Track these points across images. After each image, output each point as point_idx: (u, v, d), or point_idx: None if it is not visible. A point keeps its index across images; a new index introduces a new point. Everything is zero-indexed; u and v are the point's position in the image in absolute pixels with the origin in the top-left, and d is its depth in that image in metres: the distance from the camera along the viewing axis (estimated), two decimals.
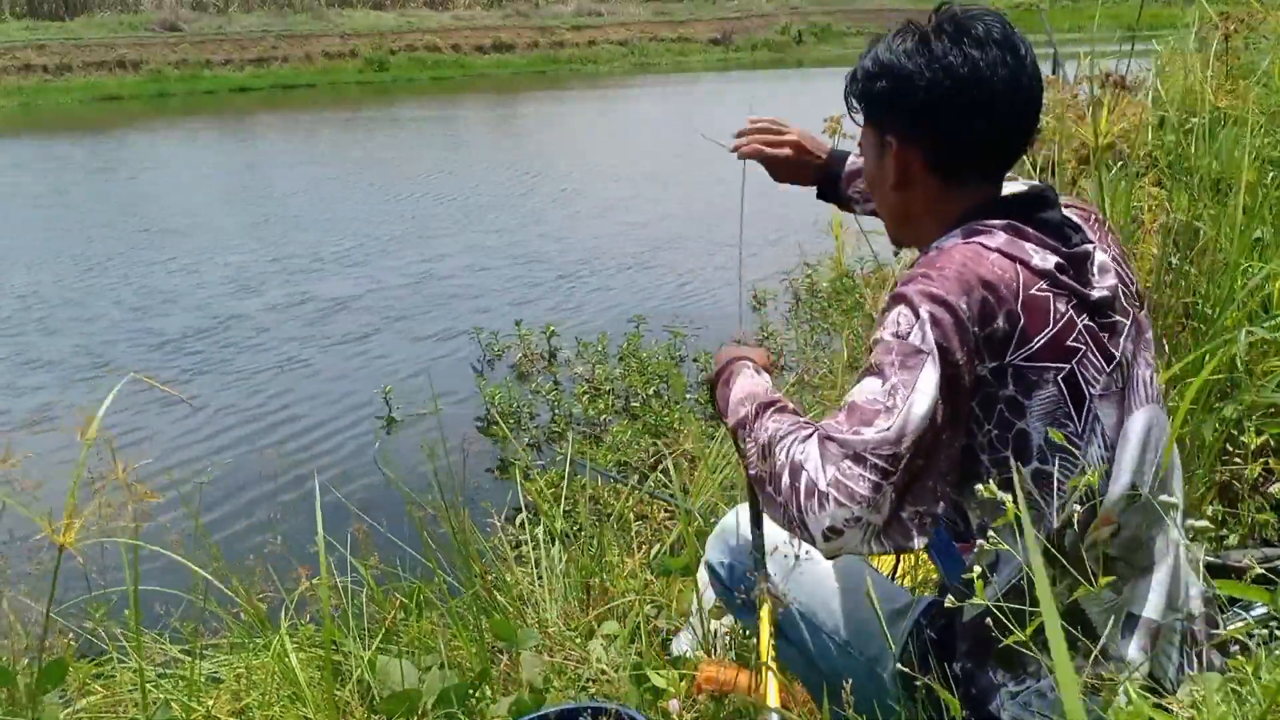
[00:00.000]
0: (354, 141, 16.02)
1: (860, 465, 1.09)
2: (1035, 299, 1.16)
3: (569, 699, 1.72)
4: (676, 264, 7.50)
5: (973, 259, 1.16)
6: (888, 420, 1.09)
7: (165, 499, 3.96)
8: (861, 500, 1.09)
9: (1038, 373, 1.15)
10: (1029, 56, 1.24)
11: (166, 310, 6.88)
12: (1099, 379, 1.19)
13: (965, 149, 1.26)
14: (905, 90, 1.25)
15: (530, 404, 4.69)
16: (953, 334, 1.11)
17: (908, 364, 1.11)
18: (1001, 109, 1.23)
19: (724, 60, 31.86)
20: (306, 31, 29.59)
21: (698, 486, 2.89)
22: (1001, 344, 1.14)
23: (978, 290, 1.13)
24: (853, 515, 1.09)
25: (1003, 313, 1.14)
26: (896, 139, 1.29)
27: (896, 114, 1.28)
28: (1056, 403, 1.16)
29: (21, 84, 24.30)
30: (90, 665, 2.04)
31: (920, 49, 1.24)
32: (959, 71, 1.21)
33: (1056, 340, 1.16)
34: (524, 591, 2.20)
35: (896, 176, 1.30)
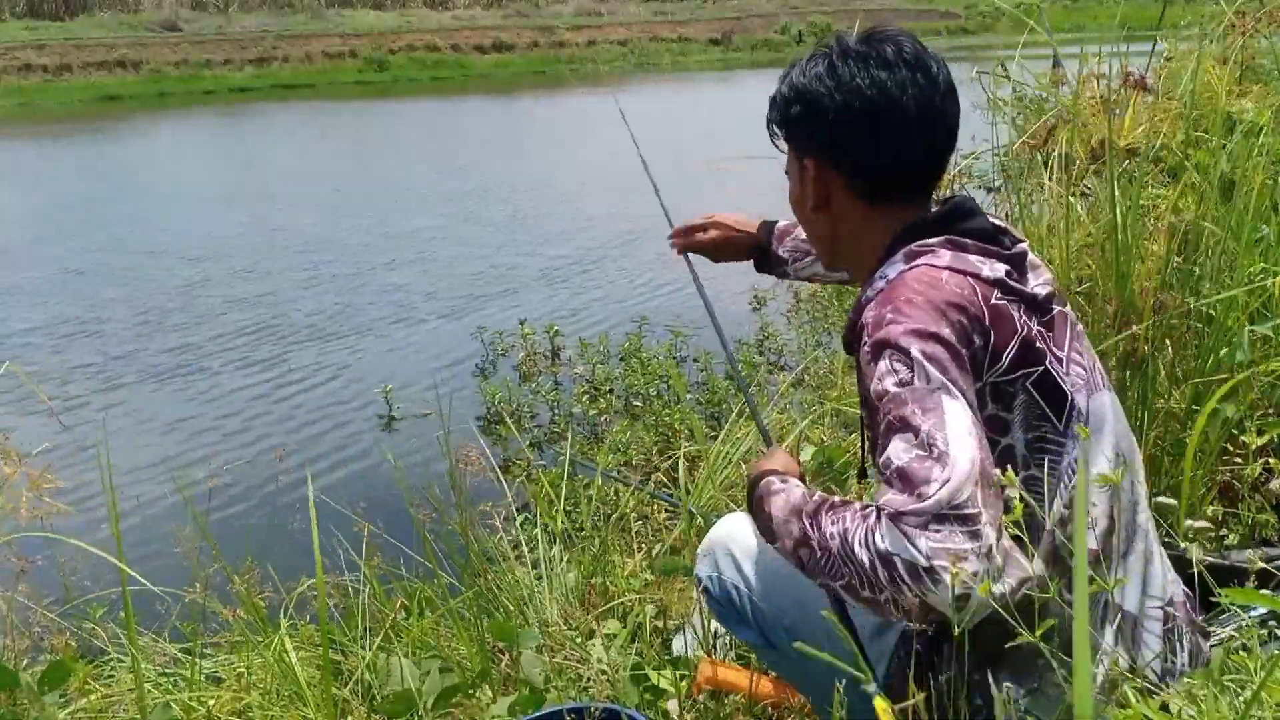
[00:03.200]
0: (356, 139, 16.03)
1: (946, 524, 1.01)
2: (999, 309, 1.17)
3: (569, 699, 1.72)
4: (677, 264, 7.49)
5: (930, 284, 1.15)
6: (942, 469, 1.03)
7: (165, 499, 3.96)
8: (969, 553, 1.01)
9: (1011, 384, 1.16)
10: (941, 75, 1.25)
11: (167, 311, 6.87)
12: (1067, 376, 1.20)
13: (882, 170, 1.27)
14: (817, 114, 1.26)
15: (531, 404, 4.69)
16: (949, 363, 1.10)
17: (927, 406, 1.07)
18: (914, 129, 1.24)
19: (724, 60, 31.86)
20: (306, 32, 29.59)
21: (698, 486, 2.89)
22: (980, 364, 1.14)
23: (951, 313, 1.13)
24: (971, 571, 1.00)
25: (976, 332, 1.14)
26: (814, 162, 1.30)
27: (811, 138, 1.30)
28: (1029, 407, 1.17)
29: (22, 84, 24.30)
30: (90, 666, 2.04)
31: (830, 72, 1.25)
32: (866, 94, 1.22)
33: (1024, 346, 1.17)
34: (524, 591, 2.20)
35: (815, 198, 1.32)
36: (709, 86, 23.12)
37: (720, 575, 1.53)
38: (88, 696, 1.91)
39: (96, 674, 2.05)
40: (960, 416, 1.06)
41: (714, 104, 18.30)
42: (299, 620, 2.22)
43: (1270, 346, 2.12)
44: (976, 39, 30.21)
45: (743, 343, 5.06)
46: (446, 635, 2.09)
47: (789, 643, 1.44)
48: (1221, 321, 2.08)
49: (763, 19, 36.35)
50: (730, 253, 1.85)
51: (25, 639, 2.01)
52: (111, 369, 5.73)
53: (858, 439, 3.00)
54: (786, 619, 1.45)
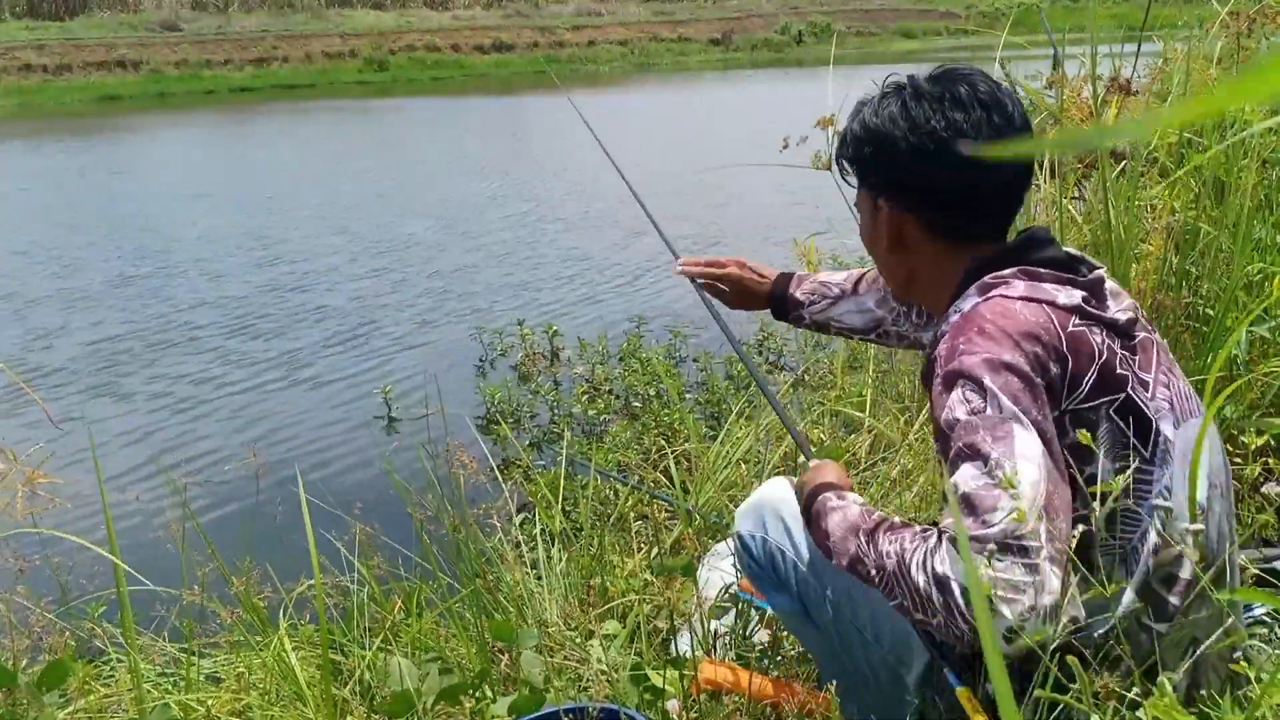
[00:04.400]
0: (356, 138, 16.03)
1: (1009, 554, 1.01)
2: (1077, 336, 1.15)
3: (569, 699, 1.72)
4: None
5: (1003, 314, 1.15)
6: (1009, 499, 1.03)
7: (161, 500, 3.96)
8: (1027, 587, 1.01)
9: (1094, 411, 1.14)
10: (1017, 113, 1.25)
11: (164, 311, 6.88)
12: (1151, 401, 1.17)
13: (957, 209, 1.26)
14: (890, 155, 1.26)
15: (531, 404, 4.69)
16: (1023, 393, 1.09)
17: (998, 435, 1.07)
18: (988, 170, 1.22)
19: (724, 60, 31.86)
20: (306, 32, 29.60)
21: (698, 486, 2.89)
22: (1057, 392, 1.13)
23: (1025, 343, 1.12)
24: (1027, 606, 1.01)
25: (1053, 359, 1.13)
26: (888, 203, 1.30)
27: (885, 178, 1.29)
28: (1115, 435, 1.15)
29: (22, 84, 24.31)
30: (89, 666, 2.04)
31: (903, 113, 1.25)
32: (941, 135, 1.22)
33: (1105, 371, 1.15)
34: (524, 591, 2.20)
35: (889, 239, 1.32)
36: (707, 87, 23.12)
37: (766, 536, 1.50)
38: (87, 696, 1.91)
39: (96, 674, 2.05)
40: (1031, 446, 1.05)
41: (708, 106, 18.31)
42: (298, 620, 2.22)
43: (1269, 346, 2.12)
44: (976, 39, 30.22)
45: (743, 343, 5.05)
46: (446, 635, 2.09)
47: (831, 620, 1.44)
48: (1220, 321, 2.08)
49: (763, 19, 36.37)
50: (748, 299, 1.84)
51: (24, 639, 2.00)
52: (106, 370, 5.73)
53: (857, 439, 3.02)
54: (835, 597, 1.43)
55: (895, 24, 37.56)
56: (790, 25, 35.42)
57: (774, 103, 13.66)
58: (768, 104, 14.95)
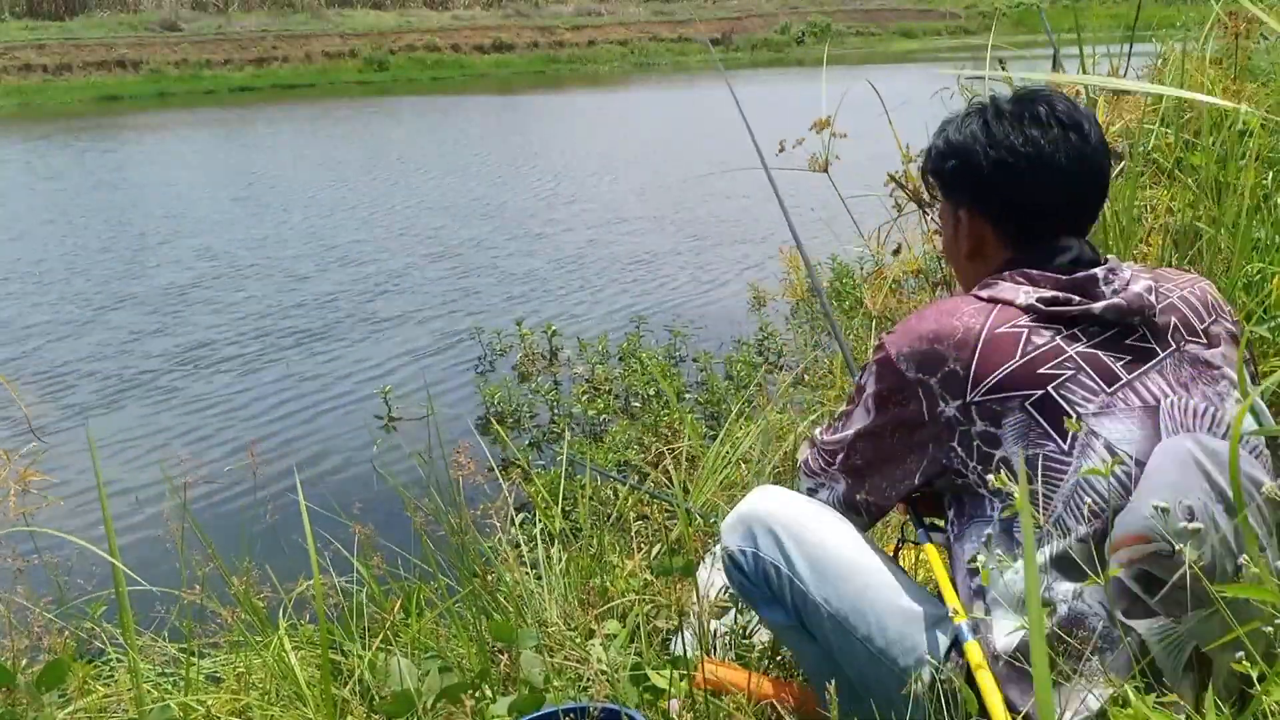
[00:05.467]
0: (354, 138, 16.03)
1: (817, 455, 1.51)
2: (1000, 336, 1.27)
3: (568, 699, 1.72)
4: (677, 264, 7.50)
5: (940, 312, 1.32)
6: (833, 434, 1.48)
7: (160, 500, 3.96)
8: (815, 473, 1.51)
9: (1000, 403, 1.26)
10: (1094, 132, 1.35)
11: (162, 311, 6.88)
12: (1093, 398, 1.24)
13: (1031, 221, 1.36)
14: (972, 170, 1.38)
15: (530, 404, 4.69)
16: (892, 382, 1.34)
17: (854, 398, 1.44)
18: (1064, 185, 1.34)
19: (724, 60, 31.86)
20: (306, 31, 29.60)
21: (698, 486, 2.89)
22: (959, 385, 1.27)
23: (922, 344, 1.31)
24: (815, 484, 1.52)
25: (951, 357, 1.28)
26: (967, 214, 1.42)
27: (966, 190, 1.42)
28: (1028, 426, 1.25)
29: (22, 84, 24.31)
30: (88, 666, 2.04)
31: (984, 130, 1.36)
32: (1021, 151, 1.33)
33: (1024, 370, 1.25)
34: (524, 591, 2.20)
35: (969, 247, 1.43)
36: (707, 87, 23.11)
37: (758, 551, 1.49)
38: (86, 696, 1.91)
39: (95, 674, 2.05)
40: (859, 421, 1.42)
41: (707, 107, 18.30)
42: (298, 620, 2.22)
43: (1269, 346, 2.12)
44: (977, 39, 30.20)
45: (743, 343, 5.06)
46: (446, 635, 2.09)
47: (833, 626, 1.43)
48: None
49: (762, 19, 36.36)
50: None
51: (23, 639, 2.00)
52: (105, 370, 5.73)
53: None
54: (837, 609, 1.42)
55: (895, 24, 37.56)
56: (790, 25, 35.41)
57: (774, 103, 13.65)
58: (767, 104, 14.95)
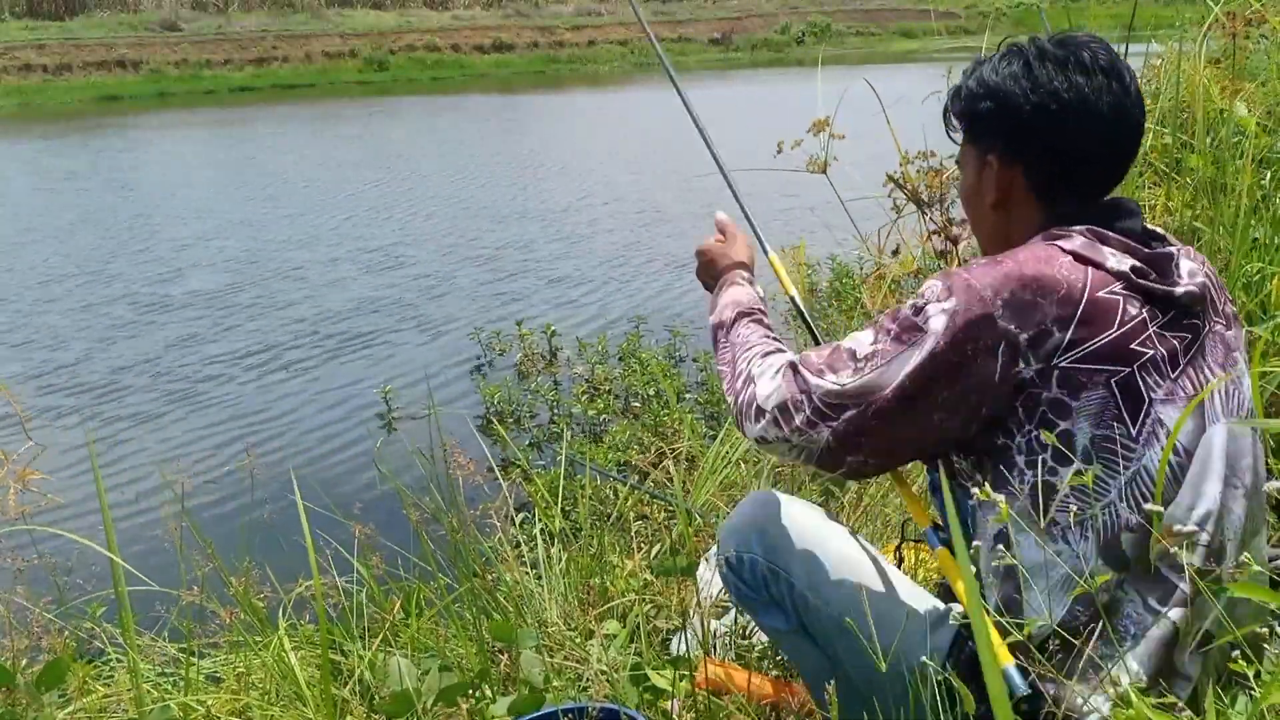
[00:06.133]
0: (353, 139, 16.03)
1: (806, 403, 1.24)
2: (1103, 301, 1.17)
3: (568, 699, 1.72)
4: (675, 264, 7.50)
5: (1037, 259, 1.19)
6: (850, 377, 1.22)
7: (160, 500, 3.96)
8: (794, 430, 1.26)
9: (1088, 375, 1.16)
10: (1133, 84, 1.27)
11: (160, 311, 6.88)
12: (1162, 383, 1.18)
13: (1068, 173, 1.28)
14: (1010, 113, 1.28)
15: (530, 403, 4.69)
16: (977, 328, 1.16)
17: (901, 338, 1.20)
18: (1106, 136, 1.26)
19: (723, 60, 31.86)
20: (306, 31, 29.60)
21: (698, 486, 2.89)
22: (1051, 347, 1.16)
23: (1025, 291, 1.16)
24: (782, 437, 1.27)
25: (1053, 316, 1.15)
26: (998, 158, 1.31)
27: (999, 135, 1.31)
28: (1105, 404, 1.16)
29: (21, 84, 24.30)
30: (88, 666, 2.04)
31: (1025, 72, 1.26)
32: (1064, 97, 1.24)
33: (1120, 343, 1.16)
34: (524, 591, 2.20)
35: (996, 195, 1.33)
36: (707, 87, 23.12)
37: (754, 555, 1.47)
38: (86, 696, 1.91)
39: (95, 674, 2.05)
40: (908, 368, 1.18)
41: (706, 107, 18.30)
42: (298, 620, 2.22)
43: (1269, 346, 2.12)
44: (977, 39, 30.17)
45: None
46: (445, 635, 2.09)
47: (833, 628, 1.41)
48: None
49: (763, 19, 36.35)
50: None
51: (23, 639, 2.00)
52: (106, 370, 5.73)
53: None
54: (838, 612, 1.40)
55: (895, 24, 37.55)
56: (790, 25, 35.40)
57: (774, 103, 13.65)
58: (767, 104, 14.95)
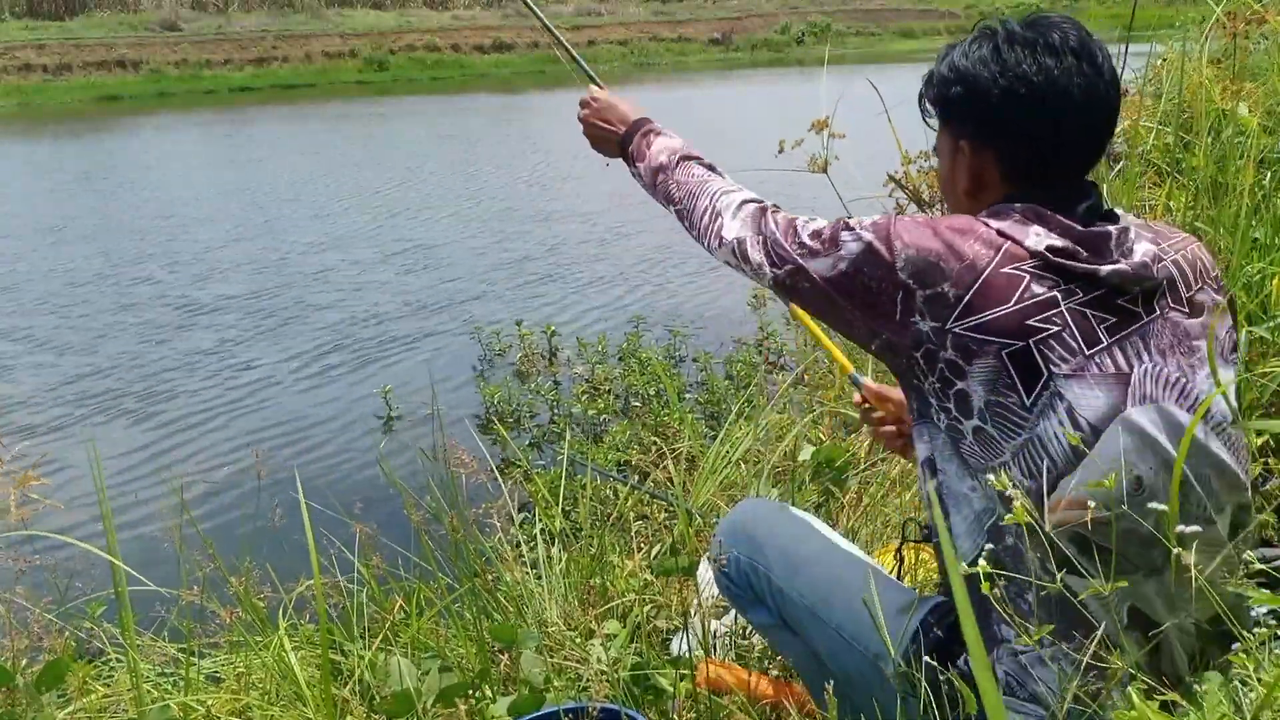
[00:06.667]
0: (352, 139, 16.03)
1: (762, 246, 1.37)
2: (1005, 276, 1.19)
3: (569, 699, 1.72)
4: (676, 264, 7.50)
5: (955, 228, 1.23)
6: (791, 247, 1.33)
7: (160, 500, 3.96)
8: (750, 263, 1.38)
9: (979, 344, 1.19)
10: (1106, 65, 1.26)
11: (160, 311, 6.88)
12: (1069, 359, 1.19)
13: (1039, 156, 1.27)
14: (979, 97, 1.27)
15: (530, 403, 4.69)
16: (875, 268, 1.24)
17: (826, 243, 1.30)
18: (1076, 118, 1.25)
19: (723, 60, 31.87)
20: (306, 31, 29.59)
21: (698, 486, 2.89)
22: (944, 309, 1.20)
23: (930, 255, 1.21)
24: (739, 265, 1.40)
25: (949, 280, 1.20)
26: (970, 144, 1.31)
27: (970, 120, 1.31)
28: (997, 373, 1.19)
29: (21, 84, 24.30)
30: (88, 666, 2.04)
31: (994, 56, 1.26)
32: (1033, 80, 1.23)
33: (1013, 318, 1.18)
34: (524, 591, 2.20)
35: (969, 182, 1.33)
36: (707, 87, 23.11)
37: (738, 555, 1.54)
38: (86, 696, 1.91)
39: (95, 674, 2.05)
40: (824, 269, 1.29)
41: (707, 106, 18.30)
42: (298, 620, 2.22)
43: (1269, 346, 2.12)
44: None
45: (742, 343, 5.06)
46: (446, 635, 2.09)
47: (808, 625, 1.47)
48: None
49: (763, 19, 36.36)
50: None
51: (23, 639, 2.00)
52: (106, 369, 5.73)
53: (856, 439, 3.01)
54: (808, 602, 1.47)
55: (895, 24, 37.55)
56: (790, 25, 35.40)
57: (774, 103, 13.67)
58: (767, 104, 14.97)
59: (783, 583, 1.50)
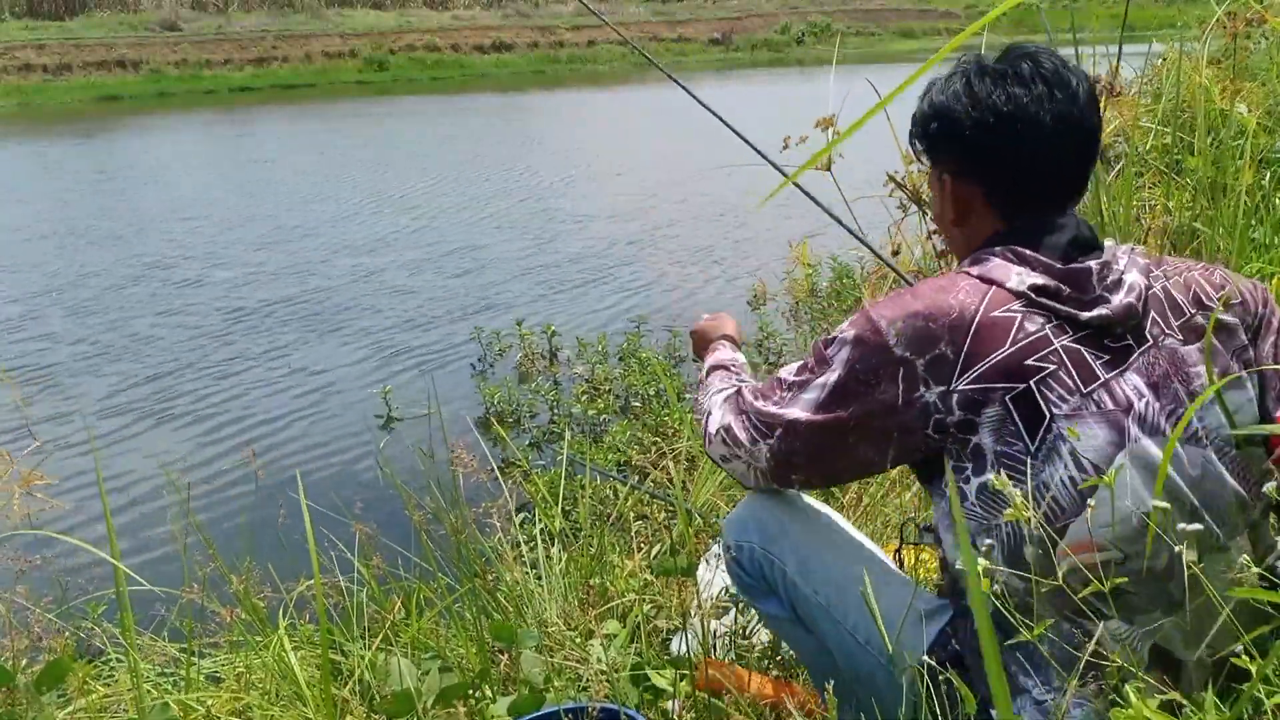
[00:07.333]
0: (353, 138, 16.03)
1: (745, 422, 1.37)
2: (995, 321, 1.20)
3: (569, 699, 1.72)
4: (675, 264, 7.50)
5: (935, 288, 1.25)
6: (774, 404, 1.34)
7: (160, 500, 3.96)
8: (740, 448, 1.38)
9: (983, 393, 1.19)
10: (1081, 88, 1.27)
11: (160, 311, 6.88)
12: (1069, 398, 1.18)
13: (1018, 184, 1.30)
14: (955, 131, 1.31)
15: (530, 403, 4.69)
16: (873, 357, 1.24)
17: (814, 369, 1.30)
18: (1049, 144, 1.27)
19: (723, 60, 31.87)
20: (306, 31, 29.59)
21: (698, 486, 2.89)
22: (947, 369, 1.20)
23: (918, 320, 1.22)
24: (732, 454, 1.40)
25: (946, 340, 1.21)
26: (952, 177, 1.35)
27: (950, 153, 1.35)
28: (1003, 420, 1.19)
29: (21, 84, 24.29)
30: (88, 666, 2.04)
31: (966, 90, 1.29)
32: (1003, 110, 1.26)
33: (1012, 360, 1.19)
34: (524, 591, 2.20)
35: (955, 213, 1.36)
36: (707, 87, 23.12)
37: (752, 544, 1.52)
38: (86, 696, 1.91)
39: (95, 674, 2.05)
40: (815, 397, 1.29)
41: None
42: (298, 620, 2.22)
43: None
44: (977, 39, 30.12)
45: (742, 343, 5.05)
46: (446, 635, 2.09)
47: (821, 623, 1.46)
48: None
49: (763, 19, 36.35)
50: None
51: (24, 639, 2.00)
52: (107, 369, 5.73)
53: None
54: (823, 600, 1.45)
55: (895, 24, 37.55)
56: (790, 25, 35.40)
57: (773, 103, 13.67)
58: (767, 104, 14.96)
59: (797, 577, 1.48)
